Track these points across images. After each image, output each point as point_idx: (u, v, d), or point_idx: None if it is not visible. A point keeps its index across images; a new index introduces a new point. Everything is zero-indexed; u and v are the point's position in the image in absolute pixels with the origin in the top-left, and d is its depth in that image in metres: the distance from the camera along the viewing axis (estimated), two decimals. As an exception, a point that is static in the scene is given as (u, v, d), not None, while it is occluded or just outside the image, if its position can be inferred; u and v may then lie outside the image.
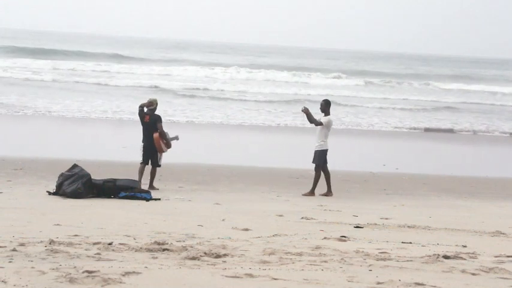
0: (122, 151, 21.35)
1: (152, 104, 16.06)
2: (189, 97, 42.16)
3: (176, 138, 16.36)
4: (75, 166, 14.25)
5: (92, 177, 14.06)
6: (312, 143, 16.66)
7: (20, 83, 44.32)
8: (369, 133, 30.80)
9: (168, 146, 16.11)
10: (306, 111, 16.05)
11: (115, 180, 14.24)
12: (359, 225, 11.57)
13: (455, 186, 18.44)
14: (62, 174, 14.09)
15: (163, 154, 16.22)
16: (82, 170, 14.06)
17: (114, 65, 62.77)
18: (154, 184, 15.81)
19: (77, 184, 13.78)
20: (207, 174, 18.06)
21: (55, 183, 14.17)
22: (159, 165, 16.08)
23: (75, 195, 13.67)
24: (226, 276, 7.27)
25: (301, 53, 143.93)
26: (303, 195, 15.88)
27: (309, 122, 16.36)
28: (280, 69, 69.79)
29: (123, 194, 14.01)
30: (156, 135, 15.84)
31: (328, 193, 16.03)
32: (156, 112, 16.14)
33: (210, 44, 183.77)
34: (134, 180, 14.61)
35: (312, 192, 15.97)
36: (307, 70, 73.46)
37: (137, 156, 16.31)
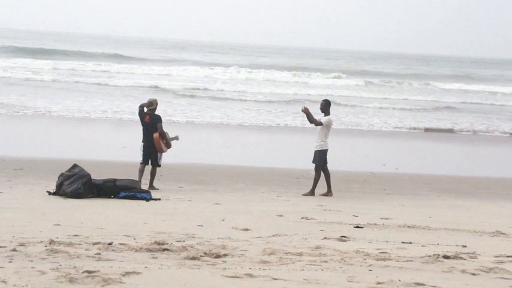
0: (122, 151, 21.35)
1: (152, 104, 16.06)
2: (189, 97, 42.16)
3: (176, 138, 16.37)
4: (75, 166, 14.25)
5: (92, 177, 14.05)
6: (312, 143, 16.66)
7: (20, 83, 44.30)
8: (369, 133, 30.80)
9: (168, 146, 16.11)
10: (306, 111, 16.05)
11: (115, 180, 14.24)
12: (359, 225, 11.57)
13: (455, 186, 18.44)
14: (62, 174, 14.09)
15: (163, 154, 16.23)
16: (82, 170, 14.06)
17: (114, 65, 62.78)
18: (154, 184, 15.81)
19: (77, 184, 13.78)
20: (207, 174, 18.05)
21: (55, 183, 14.17)
22: (159, 165, 16.08)
23: (75, 195, 13.67)
24: (226, 276, 7.27)
25: (301, 53, 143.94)
26: (303, 195, 15.88)
27: (309, 122, 16.36)
28: (280, 69, 69.82)
29: (123, 194, 14.01)
30: (156, 135, 15.85)
31: (328, 193, 16.03)
32: (156, 112, 16.15)
33: (210, 44, 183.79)
34: (134, 180, 14.61)
35: (312, 192, 15.97)
36: (307, 70, 73.47)
37: (137, 156, 16.32)
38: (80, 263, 7.50)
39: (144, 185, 15.29)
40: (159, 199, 14.05)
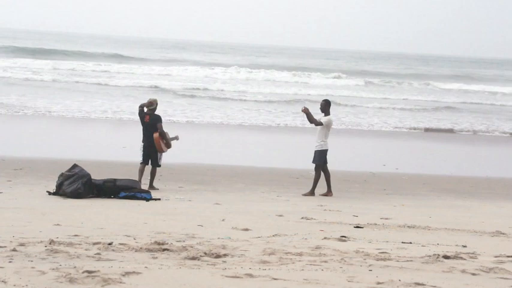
0: (122, 151, 21.35)
1: (152, 104, 16.07)
2: (189, 97, 42.15)
3: (176, 138, 16.38)
4: (75, 166, 14.25)
5: (92, 177, 14.05)
6: (311, 143, 16.66)
7: (20, 83, 44.30)
8: (369, 133, 30.80)
9: (168, 146, 16.12)
10: (306, 111, 16.06)
11: (115, 180, 14.24)
12: (359, 225, 11.57)
13: (455, 186, 18.44)
14: (62, 174, 14.09)
15: (163, 154, 16.23)
16: (82, 170, 14.06)
17: (114, 65, 62.77)
18: (154, 184, 15.81)
19: (77, 184, 13.78)
20: (207, 174, 18.05)
21: (55, 183, 14.17)
22: (159, 165, 16.08)
23: (75, 195, 13.67)
24: (226, 276, 7.27)
25: (301, 53, 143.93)
26: (303, 195, 15.87)
27: (309, 122, 16.37)
28: (280, 69, 69.81)
29: (123, 194, 14.01)
30: (156, 135, 15.86)
31: (328, 193, 16.03)
32: (156, 112, 16.15)
33: (210, 44, 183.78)
34: (134, 180, 14.60)
35: (312, 192, 15.96)
36: (307, 70, 73.43)
37: (137, 156, 16.32)
38: (80, 263, 7.50)
39: (144, 185, 15.29)
40: (159, 199, 14.05)
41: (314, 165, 16.28)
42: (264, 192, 15.82)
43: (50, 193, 14.03)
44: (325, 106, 16.39)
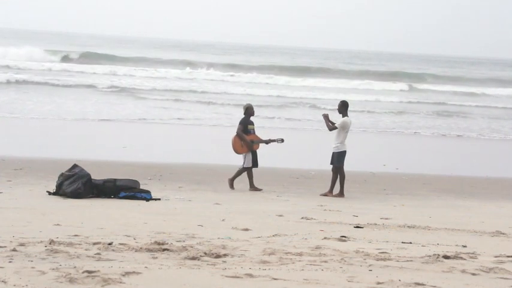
0: (122, 151, 21.34)
1: (244, 109, 16.95)
2: (185, 98, 42.09)
3: (279, 140, 17.09)
4: (75, 166, 14.24)
5: (92, 177, 14.05)
6: (312, 143, 16.65)
7: (17, 84, 44.26)
8: (369, 133, 30.79)
9: (249, 147, 16.52)
10: (324, 117, 16.33)
11: (115, 180, 14.24)
12: (359, 225, 11.58)
13: (455, 186, 18.44)
14: (62, 174, 14.09)
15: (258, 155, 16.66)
16: (82, 170, 14.05)
17: (112, 65, 62.76)
18: (231, 183, 16.32)
19: (77, 184, 13.78)
20: (207, 174, 18.05)
21: (55, 183, 14.17)
22: (250, 166, 16.39)
23: (75, 195, 13.67)
24: (226, 276, 7.27)
25: (302, 53, 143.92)
26: (334, 196, 15.84)
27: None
28: (280, 69, 69.76)
29: (123, 194, 14.01)
30: (233, 136, 16.46)
31: (328, 193, 16.03)
32: (253, 117, 17.18)
33: (209, 43, 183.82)
34: (134, 180, 14.60)
35: (341, 194, 15.95)
36: (305, 70, 73.31)
37: (136, 156, 16.33)
38: (80, 263, 7.50)
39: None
40: (159, 199, 14.06)
41: (331, 166, 16.27)
42: (264, 192, 15.83)
43: (50, 193, 14.03)
44: (342, 107, 16.41)
